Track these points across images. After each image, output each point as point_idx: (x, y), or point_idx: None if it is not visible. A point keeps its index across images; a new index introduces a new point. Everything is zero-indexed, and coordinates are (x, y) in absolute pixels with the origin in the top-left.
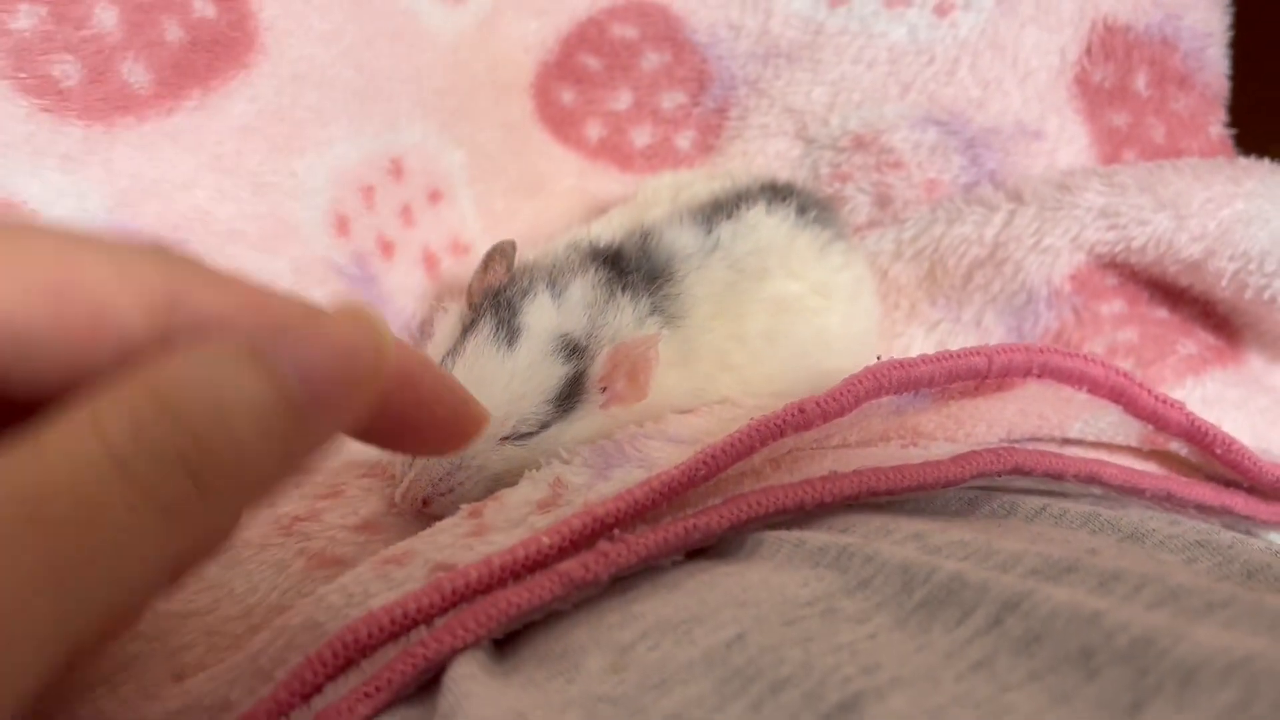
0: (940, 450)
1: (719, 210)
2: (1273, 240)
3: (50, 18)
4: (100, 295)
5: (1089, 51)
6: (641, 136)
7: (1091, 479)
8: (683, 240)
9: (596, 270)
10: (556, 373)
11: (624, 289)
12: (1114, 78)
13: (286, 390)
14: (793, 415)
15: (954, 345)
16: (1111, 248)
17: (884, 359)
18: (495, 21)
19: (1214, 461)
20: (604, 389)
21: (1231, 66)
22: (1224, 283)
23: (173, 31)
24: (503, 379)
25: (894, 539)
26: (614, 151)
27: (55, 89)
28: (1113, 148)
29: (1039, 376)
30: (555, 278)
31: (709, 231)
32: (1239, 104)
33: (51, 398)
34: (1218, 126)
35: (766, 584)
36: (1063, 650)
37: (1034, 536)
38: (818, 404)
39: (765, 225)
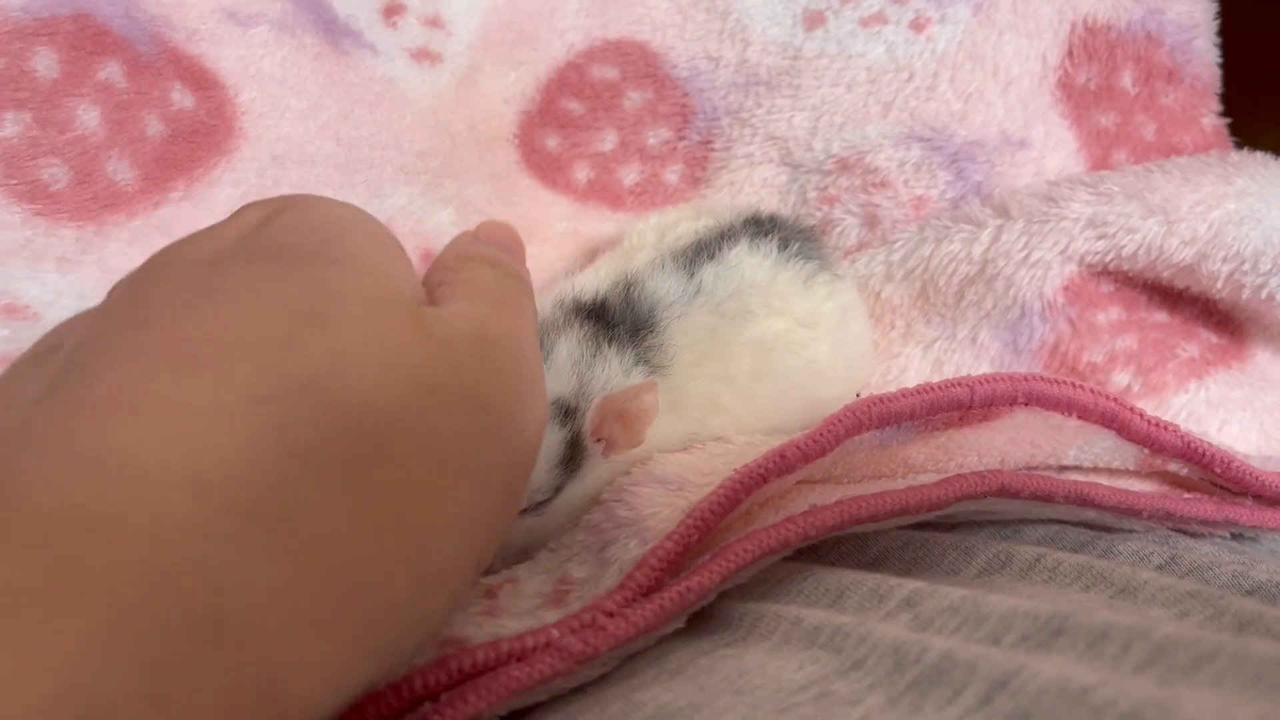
0: (927, 479)
1: (701, 252)
2: (1265, 239)
3: (35, 123)
4: None
5: (1070, 54)
6: (630, 175)
7: (1082, 500)
8: (665, 287)
9: (582, 325)
10: (555, 438)
11: (610, 341)
12: (1099, 78)
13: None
14: (774, 461)
15: (950, 363)
16: (1102, 257)
17: (864, 395)
18: (473, 78)
19: (1215, 477)
20: (599, 440)
21: (1222, 54)
22: (1219, 284)
23: (153, 126)
24: None
25: (886, 609)
26: (603, 192)
27: (46, 193)
28: (1102, 150)
29: (1025, 404)
30: (542, 338)
31: (691, 275)
32: (1232, 92)
33: None
34: (1211, 118)
35: (763, 669)
36: None
37: (1027, 594)
38: (798, 447)
39: (747, 265)
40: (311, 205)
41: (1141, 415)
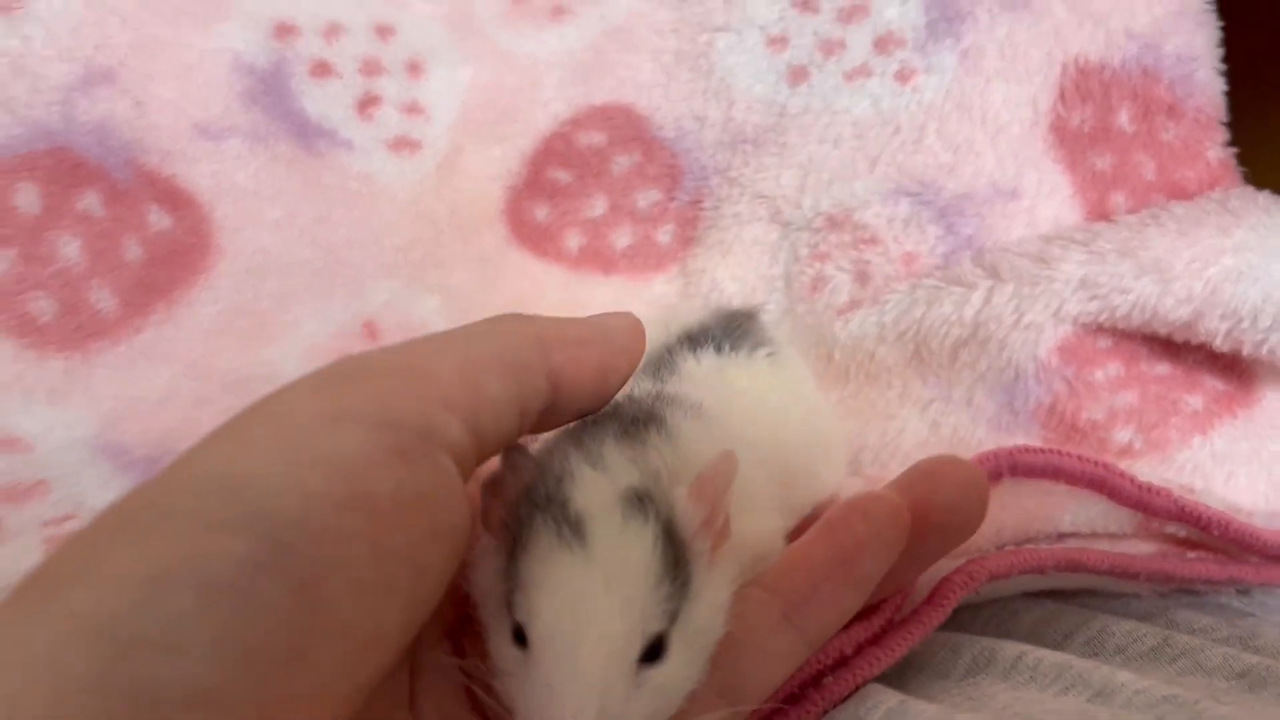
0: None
1: (661, 366)
2: (1264, 295)
3: (20, 259)
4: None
5: (1063, 97)
6: (622, 238)
7: (1075, 567)
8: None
9: (613, 425)
10: (646, 535)
11: (648, 426)
12: (1093, 119)
13: None
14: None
15: (947, 424)
16: (1095, 317)
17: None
18: (455, 160)
19: (1214, 540)
20: (706, 531)
21: (1228, 79)
22: (1218, 340)
23: (132, 251)
24: (597, 584)
25: None
26: (596, 257)
27: (34, 326)
28: (1099, 193)
29: (1012, 476)
30: (581, 447)
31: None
32: (1241, 118)
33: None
34: (1216, 149)
35: None
36: None
37: (1001, 709)
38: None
39: (697, 372)
40: None
41: (1131, 480)
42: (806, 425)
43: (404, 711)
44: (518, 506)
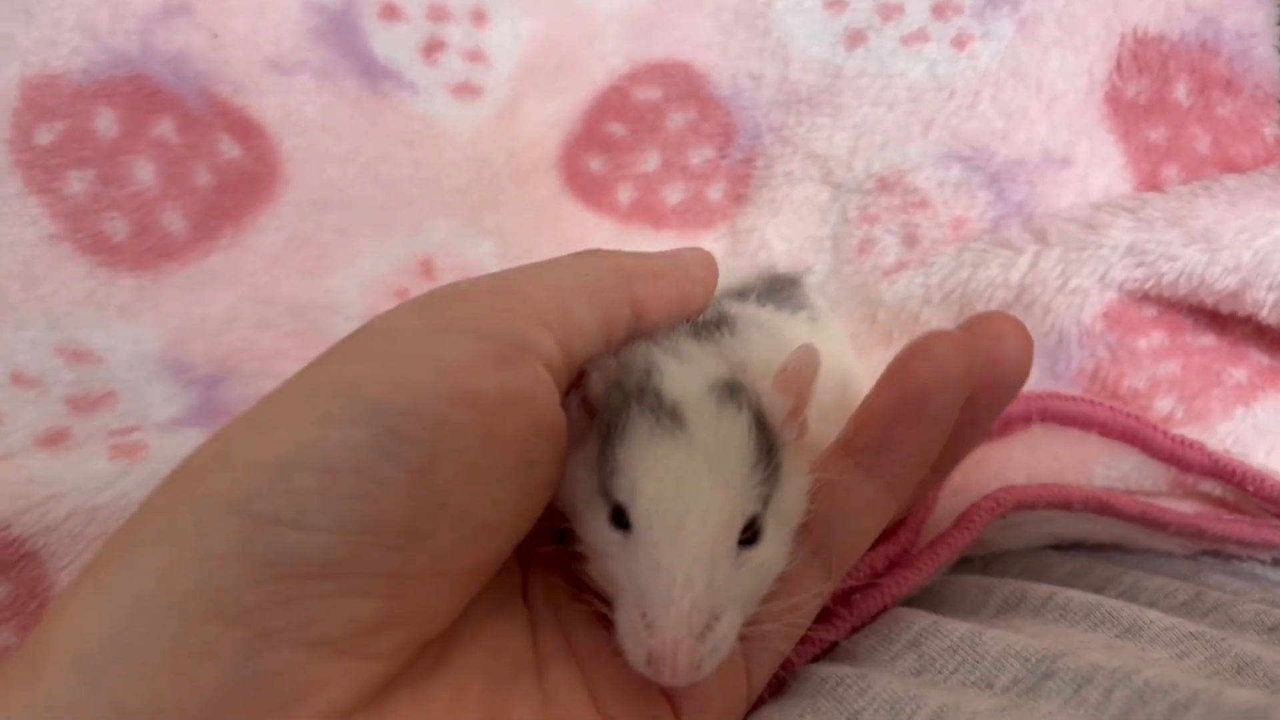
0: (948, 505)
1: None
2: None
3: (98, 180)
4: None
5: (1119, 67)
6: (673, 194)
7: (1103, 508)
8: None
9: (685, 327)
10: (741, 422)
11: (719, 328)
12: (1149, 91)
13: None
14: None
15: None
16: (1141, 284)
17: None
18: (514, 109)
19: (1250, 498)
20: (792, 421)
21: None
22: (1265, 312)
23: (203, 177)
24: (699, 465)
25: (894, 649)
26: (647, 212)
27: (108, 245)
28: (1151, 165)
29: (1041, 421)
30: (660, 344)
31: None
32: None
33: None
34: (1273, 127)
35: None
36: None
37: (1032, 633)
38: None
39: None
40: None
41: (1164, 433)
42: (843, 383)
43: (518, 599)
44: (606, 399)
